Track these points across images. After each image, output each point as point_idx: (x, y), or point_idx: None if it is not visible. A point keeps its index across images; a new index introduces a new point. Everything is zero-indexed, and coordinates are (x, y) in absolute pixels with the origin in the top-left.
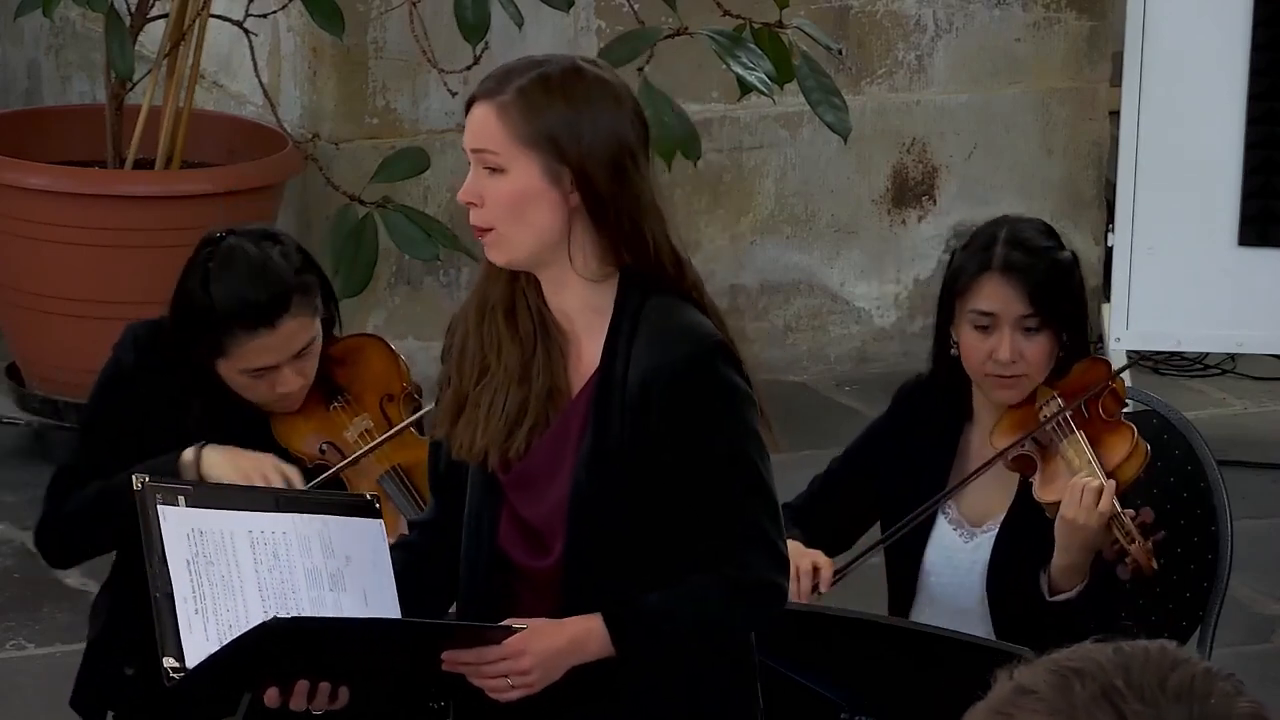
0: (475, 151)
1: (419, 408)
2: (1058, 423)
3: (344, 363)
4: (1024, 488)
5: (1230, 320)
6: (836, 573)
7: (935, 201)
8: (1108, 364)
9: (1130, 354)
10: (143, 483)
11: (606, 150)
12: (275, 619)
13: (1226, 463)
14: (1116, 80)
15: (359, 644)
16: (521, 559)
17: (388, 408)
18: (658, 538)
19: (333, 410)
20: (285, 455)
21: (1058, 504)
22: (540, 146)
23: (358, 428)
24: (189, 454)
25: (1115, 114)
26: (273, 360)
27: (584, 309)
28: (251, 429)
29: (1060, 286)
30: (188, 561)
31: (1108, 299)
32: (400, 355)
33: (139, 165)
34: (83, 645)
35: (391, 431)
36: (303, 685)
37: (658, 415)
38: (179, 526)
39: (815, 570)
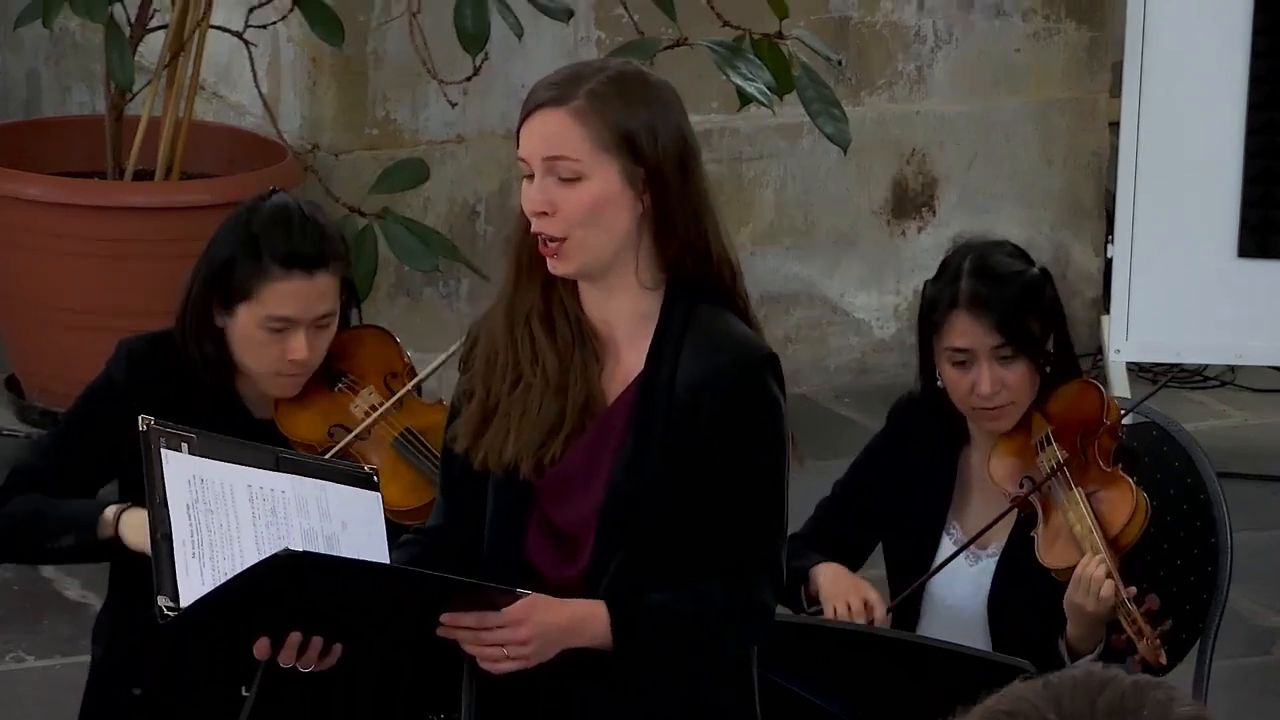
0: (549, 159)
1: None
2: (1058, 476)
3: (344, 351)
4: (1022, 518)
5: (1230, 331)
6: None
7: (935, 212)
8: (1098, 390)
9: (1130, 364)
10: (148, 424)
11: (676, 151)
12: (286, 549)
13: (1226, 475)
14: (1116, 90)
15: (363, 590)
16: (548, 569)
17: (391, 383)
18: (683, 544)
19: (337, 393)
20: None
21: (1062, 569)
22: (620, 149)
23: (364, 403)
24: (110, 512)
25: (1115, 124)
26: (297, 311)
27: (630, 316)
28: (256, 432)
29: (1029, 309)
30: (188, 506)
31: (1107, 310)
32: (399, 341)
33: (139, 176)
34: (82, 658)
35: (396, 396)
36: (294, 638)
37: (706, 421)
38: (181, 472)
39: (868, 607)
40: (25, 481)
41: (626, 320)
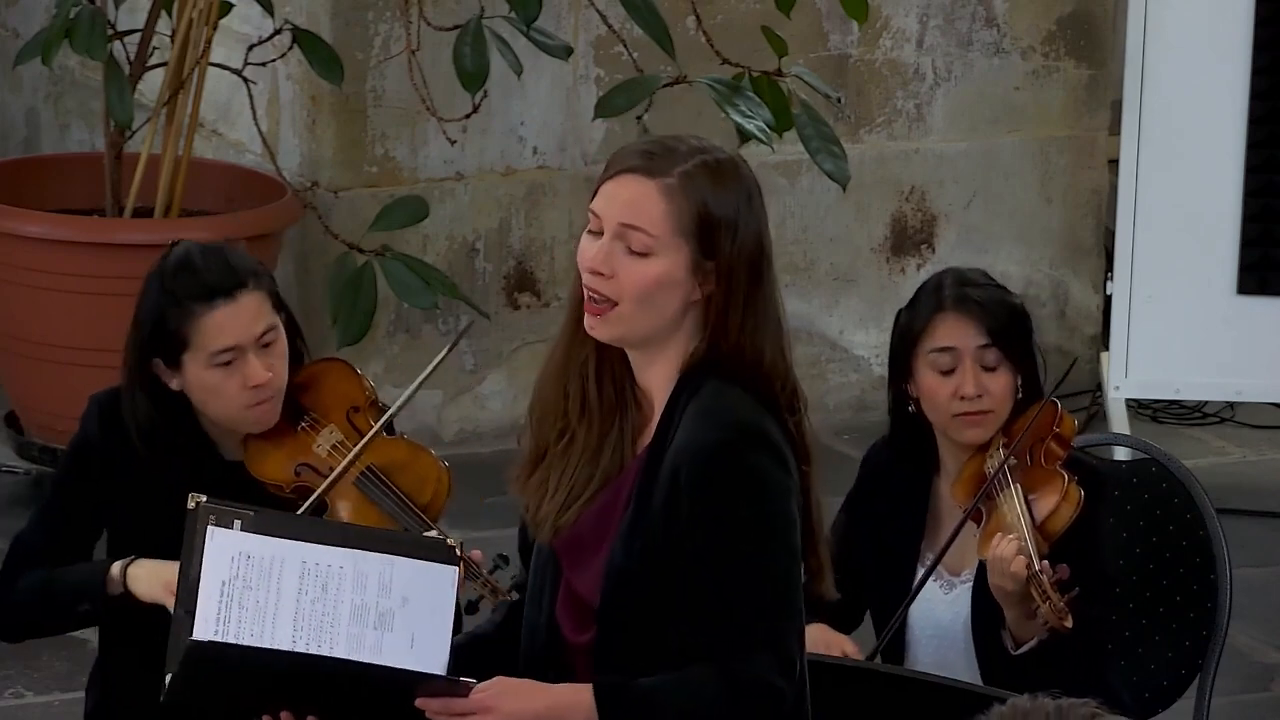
0: (625, 226)
1: (383, 412)
2: (1000, 476)
3: (306, 387)
4: None
5: (1229, 368)
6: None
7: (934, 250)
8: (1055, 405)
9: (1130, 401)
10: (198, 503)
11: (751, 251)
12: (193, 640)
13: (1225, 511)
14: (1115, 128)
15: (305, 674)
16: (570, 632)
17: (354, 419)
18: (680, 619)
19: (300, 431)
20: (264, 492)
21: None
22: (696, 238)
23: (327, 441)
24: (115, 569)
25: (1114, 162)
26: (236, 337)
27: (663, 388)
28: (229, 474)
29: (1014, 319)
30: (223, 583)
31: (1106, 347)
32: (362, 373)
33: (138, 213)
34: (80, 694)
35: (363, 441)
36: (286, 717)
37: (684, 495)
38: (226, 548)
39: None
40: (28, 556)
41: (659, 391)
